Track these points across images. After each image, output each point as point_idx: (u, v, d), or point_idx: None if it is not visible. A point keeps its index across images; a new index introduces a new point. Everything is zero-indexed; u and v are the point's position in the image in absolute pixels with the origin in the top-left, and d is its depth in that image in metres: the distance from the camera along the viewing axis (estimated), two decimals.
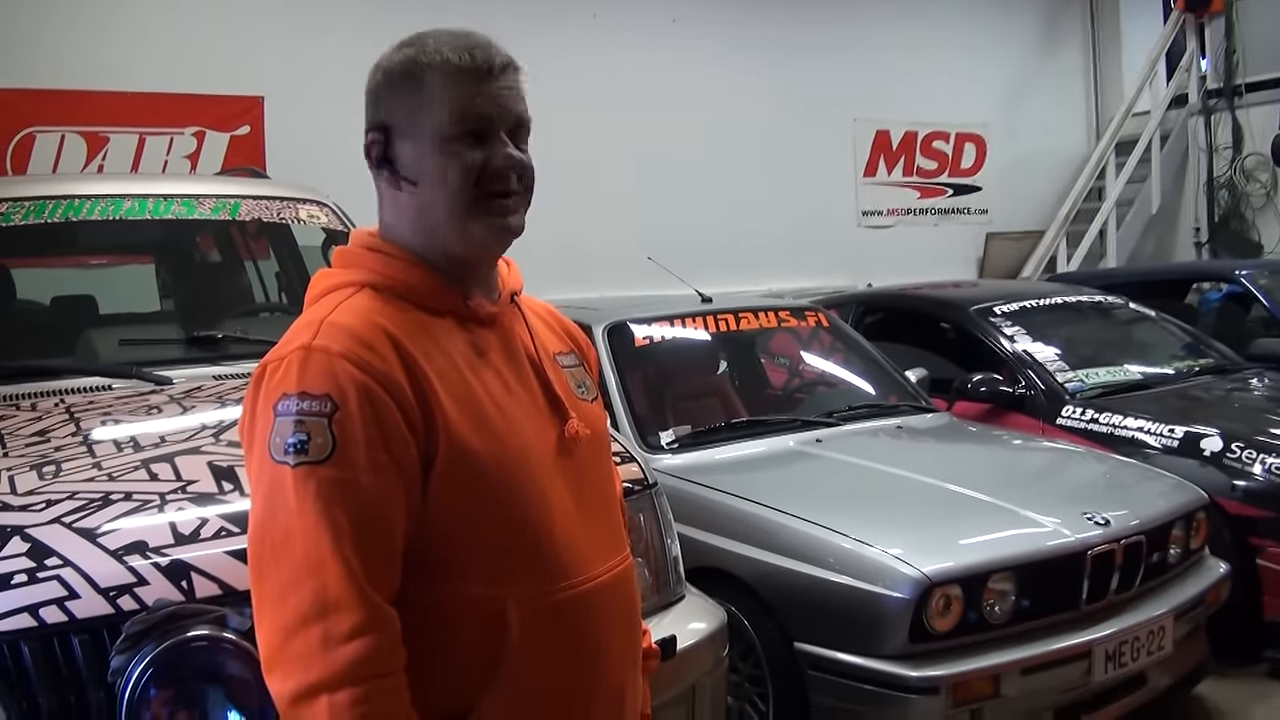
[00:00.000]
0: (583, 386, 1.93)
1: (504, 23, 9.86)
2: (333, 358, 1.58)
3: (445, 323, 1.72)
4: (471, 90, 1.70)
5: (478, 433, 1.64)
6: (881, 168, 12.45)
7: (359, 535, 1.53)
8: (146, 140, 8.71)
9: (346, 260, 1.79)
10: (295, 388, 1.57)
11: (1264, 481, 5.11)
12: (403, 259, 1.73)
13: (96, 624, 2.16)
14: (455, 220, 1.70)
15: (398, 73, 1.72)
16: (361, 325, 1.63)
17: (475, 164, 1.69)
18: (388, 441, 1.57)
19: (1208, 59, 12.75)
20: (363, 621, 1.50)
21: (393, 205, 1.76)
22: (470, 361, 1.71)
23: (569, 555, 1.71)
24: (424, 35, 1.74)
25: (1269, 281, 7.76)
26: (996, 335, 6.43)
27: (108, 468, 2.64)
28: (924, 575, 3.72)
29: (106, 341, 4.03)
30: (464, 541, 1.63)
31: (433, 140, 1.69)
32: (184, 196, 4.37)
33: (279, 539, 1.54)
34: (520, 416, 1.72)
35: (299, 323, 1.68)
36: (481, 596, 1.63)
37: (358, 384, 1.57)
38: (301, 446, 1.54)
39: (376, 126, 1.74)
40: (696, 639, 3.17)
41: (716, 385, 5.69)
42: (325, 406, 1.55)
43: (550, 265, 9.34)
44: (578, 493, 1.77)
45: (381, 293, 1.71)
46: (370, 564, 1.53)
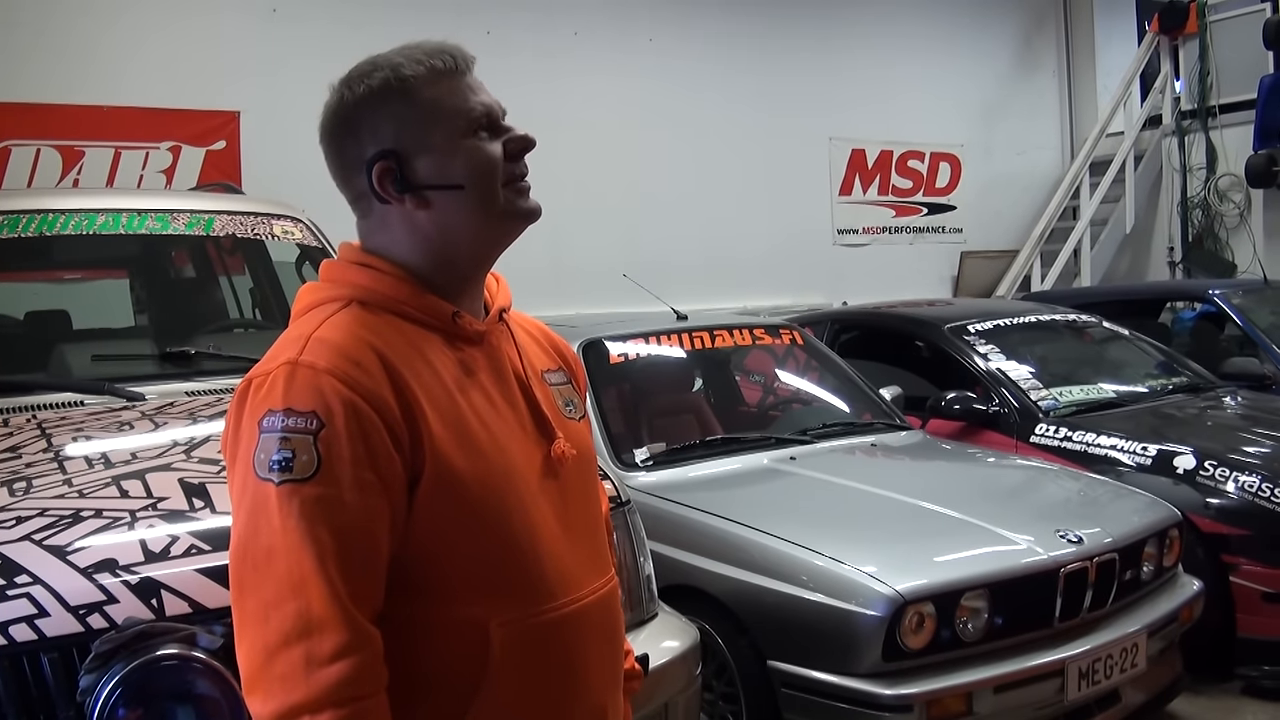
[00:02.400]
0: (570, 405, 1.91)
1: (486, 41, 9.94)
2: (319, 374, 1.56)
3: (433, 340, 1.70)
4: (461, 87, 1.72)
5: (463, 452, 1.63)
6: (857, 186, 12.49)
7: (343, 554, 1.52)
8: (122, 154, 8.68)
9: (334, 274, 1.77)
10: (281, 404, 1.55)
11: (1237, 499, 5.14)
12: (392, 274, 1.71)
13: (66, 642, 2.14)
14: (493, 213, 1.71)
15: (382, 96, 1.70)
16: (348, 341, 1.62)
17: (499, 154, 1.71)
18: (373, 459, 1.55)
19: (1182, 80, 12.84)
20: (346, 642, 1.49)
21: (405, 227, 1.72)
22: (457, 380, 1.69)
23: (553, 577, 1.69)
24: (383, 58, 1.73)
25: (1242, 301, 7.82)
26: (970, 353, 6.45)
27: (79, 484, 2.62)
28: (897, 593, 3.72)
29: (79, 357, 4.01)
30: (448, 561, 1.62)
31: (455, 144, 1.69)
32: (158, 211, 4.35)
33: (261, 557, 1.52)
34: (506, 436, 1.71)
35: (285, 337, 1.66)
36: (464, 617, 1.62)
37: (344, 401, 1.55)
38: (286, 464, 1.52)
39: (382, 155, 1.70)
40: (669, 657, 3.16)
41: (691, 403, 5.69)
42: (311, 424, 1.54)
43: (528, 282, 9.31)
44: (563, 513, 1.75)
45: (369, 308, 1.69)
46: (354, 583, 1.52)
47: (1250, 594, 5.06)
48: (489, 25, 9.86)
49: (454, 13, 9.64)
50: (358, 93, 1.71)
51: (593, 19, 10.75)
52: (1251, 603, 5.06)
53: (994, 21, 13.45)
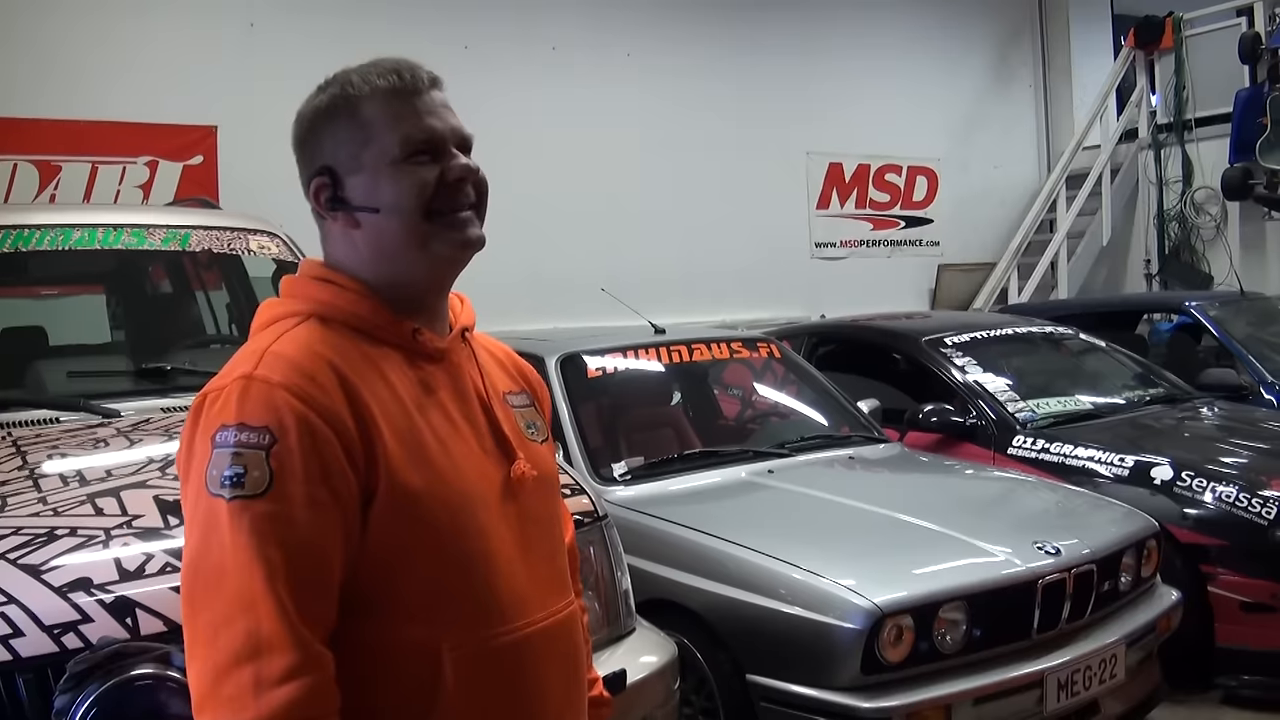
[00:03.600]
0: (533, 427, 1.88)
1: (465, 56, 9.95)
2: (273, 388, 1.55)
3: (393, 357, 1.69)
4: (409, 109, 1.69)
5: (419, 471, 1.61)
6: (835, 200, 12.50)
7: (293, 573, 1.49)
8: (99, 169, 8.64)
9: (294, 289, 1.76)
10: (234, 419, 1.54)
11: (1214, 510, 5.16)
12: (352, 289, 1.70)
13: (41, 662, 2.13)
14: (416, 240, 1.68)
15: (328, 112, 1.71)
16: (304, 356, 1.60)
17: (431, 180, 1.68)
18: (327, 476, 1.53)
19: (1158, 94, 12.92)
20: (296, 663, 1.47)
21: (346, 244, 1.73)
22: (416, 398, 1.67)
23: (508, 599, 1.67)
24: (342, 73, 1.73)
25: (1219, 312, 7.87)
26: (948, 366, 6.47)
27: (53, 502, 2.61)
28: (875, 606, 3.72)
29: (55, 373, 4.00)
30: (401, 581, 1.60)
31: (383, 167, 1.67)
32: (134, 227, 4.34)
33: (212, 575, 1.50)
34: (465, 456, 1.69)
35: (241, 352, 1.65)
36: (416, 638, 1.59)
37: (298, 416, 1.53)
38: (238, 480, 1.50)
39: (320, 171, 1.71)
40: (647, 672, 3.16)
41: (670, 416, 5.69)
42: (263, 439, 1.52)
43: (506, 296, 9.38)
44: (521, 535, 1.73)
45: (328, 323, 1.68)
46: (305, 603, 1.50)
47: (1228, 604, 5.08)
48: (467, 40, 9.87)
49: (432, 28, 9.65)
50: (310, 107, 1.74)
51: (571, 34, 10.76)
52: (1230, 612, 5.08)
53: (970, 36, 13.51)
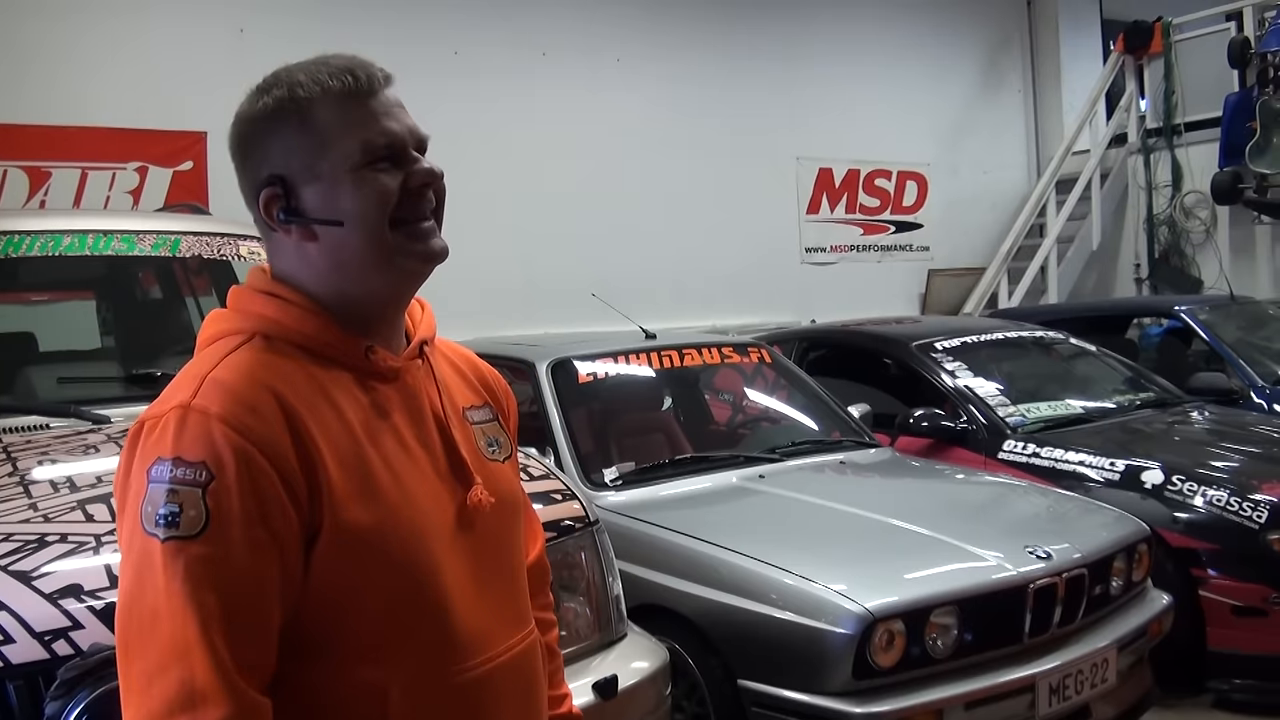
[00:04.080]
0: (494, 445, 1.79)
1: (454, 61, 9.93)
2: (211, 420, 1.45)
3: (342, 379, 1.59)
4: (366, 112, 1.59)
5: (367, 505, 1.52)
6: (825, 205, 12.52)
7: (229, 618, 1.41)
8: (89, 175, 8.63)
9: (240, 302, 1.66)
10: (170, 452, 1.44)
11: (1205, 514, 5.17)
12: (300, 305, 1.60)
13: (31, 669, 2.12)
14: (381, 253, 1.58)
15: (276, 116, 1.59)
16: (245, 384, 1.50)
17: (394, 189, 1.58)
18: (265, 515, 1.45)
19: (1147, 99, 12.96)
20: (230, 715, 1.39)
21: (299, 258, 1.62)
22: (366, 422, 1.58)
23: (464, 637, 1.59)
24: (285, 73, 1.62)
25: (1208, 316, 7.89)
26: (938, 371, 6.48)
27: (43, 509, 2.60)
28: (867, 610, 3.72)
29: (45, 379, 3.98)
30: (348, 621, 1.51)
31: (342, 175, 1.57)
32: (124, 233, 4.32)
33: (146, 620, 1.41)
34: (418, 484, 1.60)
35: (182, 375, 1.56)
36: (365, 680, 1.52)
37: (237, 451, 1.44)
38: (173, 519, 1.41)
39: (269, 180, 1.59)
40: (639, 678, 3.16)
41: (660, 421, 5.69)
42: (200, 475, 1.43)
43: (497, 301, 9.38)
44: (478, 566, 1.65)
45: (273, 343, 1.58)
46: (241, 650, 1.42)
47: (1220, 607, 5.09)
48: (456, 46, 9.87)
49: (422, 32, 9.65)
50: (255, 108, 1.61)
51: (560, 39, 10.76)
52: (1221, 616, 5.09)
53: (959, 41, 13.54)
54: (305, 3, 9.47)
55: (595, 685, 3.01)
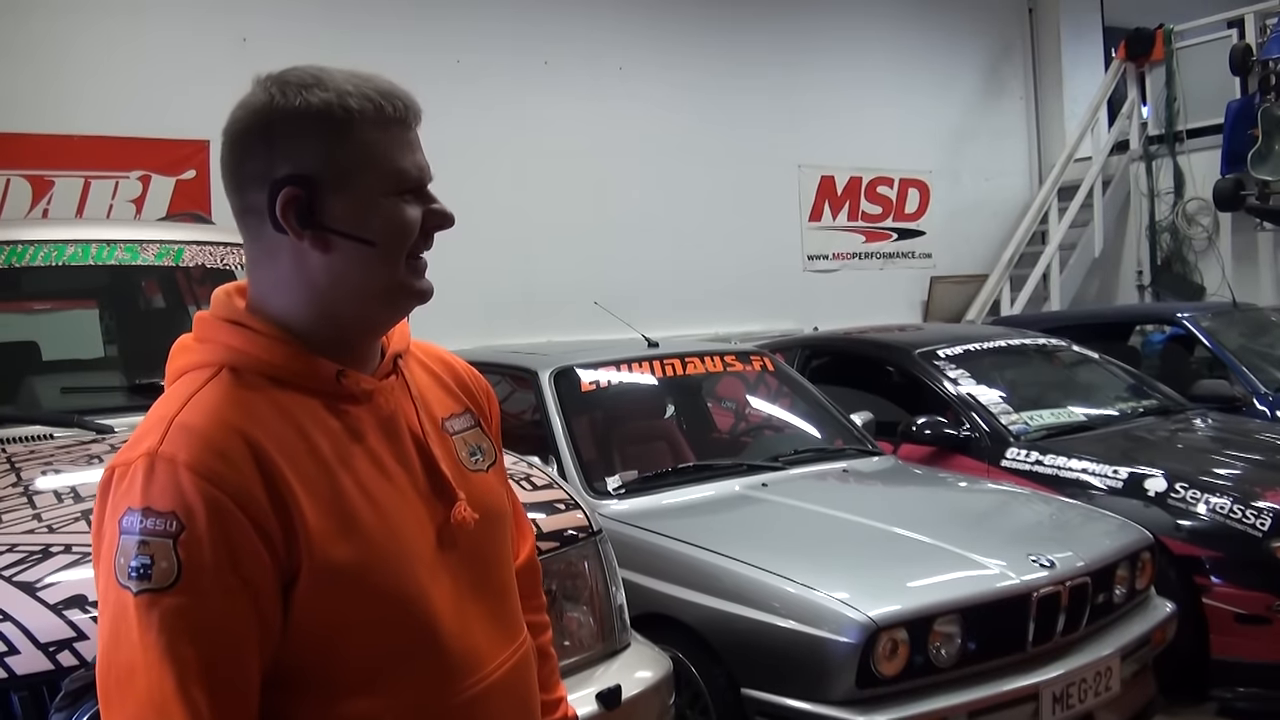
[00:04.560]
0: (477, 454, 1.75)
1: (457, 70, 9.93)
2: (179, 469, 1.41)
3: (312, 406, 1.55)
4: (405, 141, 1.57)
5: (346, 540, 1.49)
6: (827, 212, 12.52)
7: (206, 670, 1.39)
8: (92, 184, 8.63)
9: (206, 331, 1.60)
10: (139, 503, 1.41)
11: (1208, 521, 5.16)
12: (266, 334, 1.56)
13: (36, 680, 2.12)
14: (391, 281, 1.57)
15: (318, 118, 1.52)
16: (214, 428, 1.46)
17: (417, 221, 1.56)
18: (237, 562, 1.42)
19: (1149, 106, 12.95)
20: None
21: (294, 267, 1.55)
22: (340, 452, 1.54)
23: (454, 660, 1.58)
24: (324, 74, 1.57)
25: (1211, 323, 7.88)
26: (941, 378, 6.48)
27: (48, 519, 2.61)
28: (870, 619, 3.72)
29: (48, 389, 3.99)
30: (335, 655, 1.49)
31: (377, 196, 1.53)
32: (127, 242, 4.33)
33: (124, 673, 1.39)
34: (397, 508, 1.57)
35: (150, 416, 1.52)
36: (356, 713, 1.50)
37: (207, 499, 1.41)
38: (144, 571, 1.38)
39: (291, 179, 1.52)
40: (642, 688, 3.16)
41: (663, 430, 5.70)
42: (170, 525, 1.39)
43: (499, 310, 9.39)
44: (464, 585, 1.63)
45: (241, 375, 1.53)
46: (219, 701, 1.39)
47: (1223, 615, 5.07)
48: (459, 54, 9.88)
49: (424, 41, 9.67)
50: (292, 103, 1.53)
51: (562, 48, 10.77)
52: (1224, 624, 5.08)
53: (961, 49, 13.55)
54: (308, 12, 9.48)
55: (599, 695, 3.01)
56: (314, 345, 1.56)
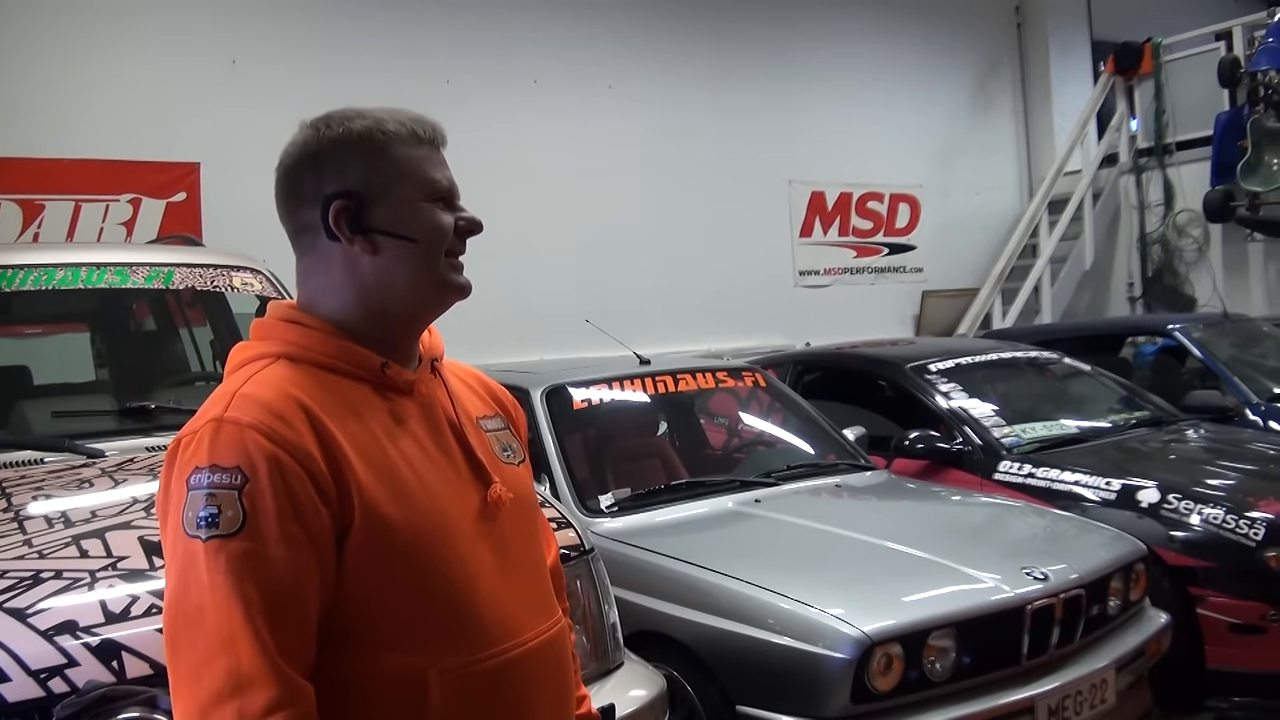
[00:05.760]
0: (508, 450, 1.91)
1: (447, 90, 9.98)
2: (243, 429, 1.57)
3: (362, 391, 1.71)
4: (434, 158, 1.77)
5: (394, 501, 1.63)
6: (817, 228, 12.55)
7: (271, 609, 1.51)
8: (82, 207, 8.65)
9: (263, 332, 1.78)
10: (206, 461, 1.56)
11: (1202, 531, 5.16)
12: (320, 329, 1.73)
13: (27, 708, 2.11)
14: (432, 276, 1.74)
15: (360, 141, 1.72)
16: (273, 396, 1.62)
17: (450, 225, 1.75)
18: (299, 513, 1.55)
19: (1138, 119, 13.00)
20: (277, 698, 1.48)
21: (345, 271, 1.73)
22: (388, 429, 1.69)
23: (492, 622, 1.69)
24: (365, 109, 1.76)
25: (1202, 334, 7.90)
26: (933, 392, 6.48)
27: (38, 545, 2.60)
28: (864, 634, 3.71)
29: (40, 413, 3.98)
30: (382, 611, 1.61)
31: (415, 202, 1.73)
32: (117, 265, 4.32)
33: (192, 615, 1.51)
34: (439, 484, 1.70)
35: (213, 395, 1.67)
36: (401, 667, 1.61)
37: (268, 455, 1.55)
38: (212, 520, 1.52)
39: (341, 194, 1.71)
40: (636, 706, 3.14)
41: (656, 447, 5.69)
42: (235, 479, 1.54)
43: (491, 328, 9.39)
44: (502, 558, 1.75)
45: (297, 363, 1.70)
46: (283, 637, 1.51)
47: (1218, 625, 5.07)
48: (449, 75, 9.91)
49: (415, 62, 9.70)
50: (336, 132, 1.73)
51: (552, 67, 10.80)
52: (1219, 634, 5.07)
53: (950, 63, 13.59)
54: (297, 34, 9.51)
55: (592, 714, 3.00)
56: (360, 341, 1.73)
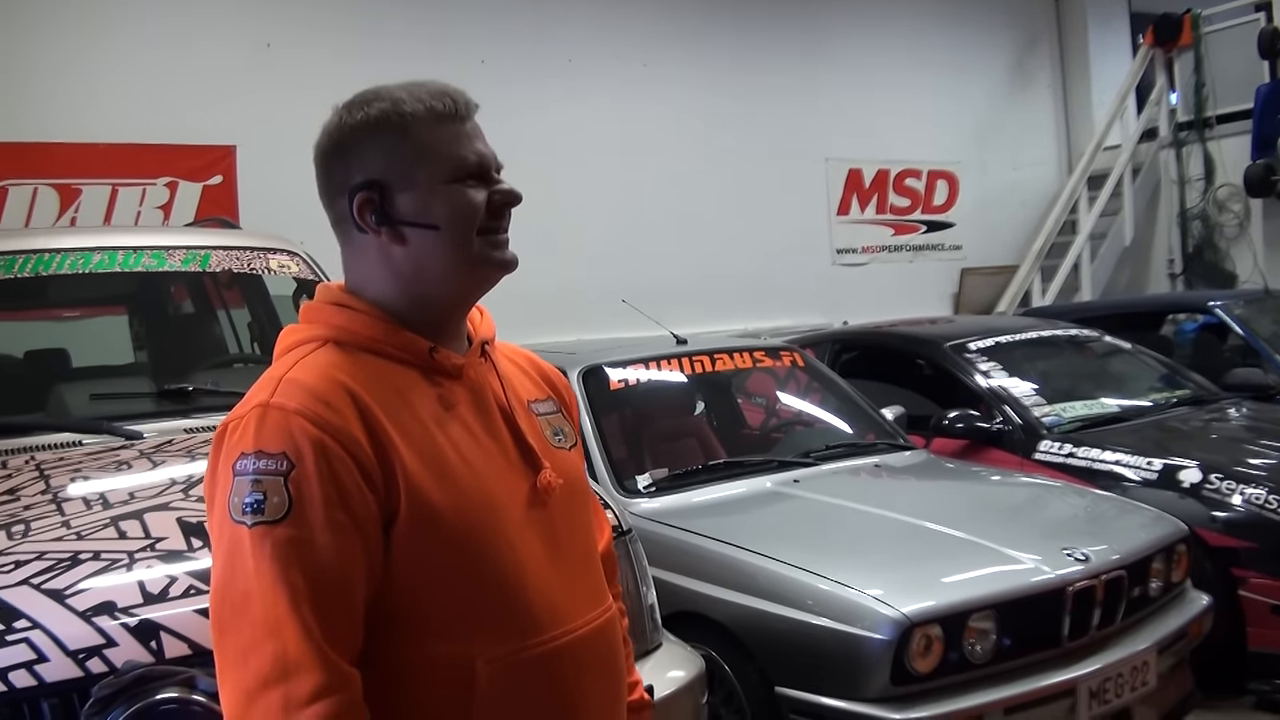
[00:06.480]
0: (560, 434, 1.89)
1: (481, 70, 9.98)
2: (289, 415, 1.57)
3: (410, 376, 1.70)
4: (458, 133, 1.72)
5: (441, 487, 1.61)
6: (855, 206, 12.50)
7: (317, 595, 1.51)
8: (119, 191, 8.68)
9: (311, 315, 1.77)
10: (252, 446, 1.56)
11: (1244, 512, 5.11)
12: (368, 313, 1.72)
13: (66, 688, 2.13)
14: (465, 258, 1.71)
15: (378, 126, 1.70)
16: (320, 381, 1.62)
17: (481, 202, 1.71)
18: (345, 499, 1.55)
19: (1177, 92, 12.87)
20: (323, 683, 1.48)
21: (381, 261, 1.73)
22: (435, 415, 1.68)
23: (541, 609, 1.67)
24: (384, 89, 1.73)
25: (1243, 311, 7.82)
26: (972, 371, 6.44)
27: (76, 526, 2.61)
28: (904, 616, 3.69)
29: (77, 396, 3.99)
30: (429, 598, 1.60)
31: (438, 186, 1.69)
32: (154, 249, 4.33)
33: (238, 600, 1.52)
34: (488, 469, 1.69)
35: (260, 380, 1.67)
36: (449, 653, 1.60)
37: (314, 441, 1.55)
38: (258, 506, 1.52)
39: (364, 185, 1.70)
40: (675, 688, 3.14)
41: (693, 427, 5.67)
42: (281, 465, 1.54)
43: (527, 308, 9.37)
44: (552, 545, 1.73)
45: (344, 347, 1.69)
46: (329, 624, 1.51)
47: (1259, 607, 5.03)
48: (483, 55, 9.89)
49: (449, 43, 9.69)
50: (355, 118, 1.71)
51: (586, 47, 10.78)
52: (1261, 616, 5.03)
53: (988, 38, 13.48)
54: (331, 17, 9.51)
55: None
56: (408, 326, 1.73)
